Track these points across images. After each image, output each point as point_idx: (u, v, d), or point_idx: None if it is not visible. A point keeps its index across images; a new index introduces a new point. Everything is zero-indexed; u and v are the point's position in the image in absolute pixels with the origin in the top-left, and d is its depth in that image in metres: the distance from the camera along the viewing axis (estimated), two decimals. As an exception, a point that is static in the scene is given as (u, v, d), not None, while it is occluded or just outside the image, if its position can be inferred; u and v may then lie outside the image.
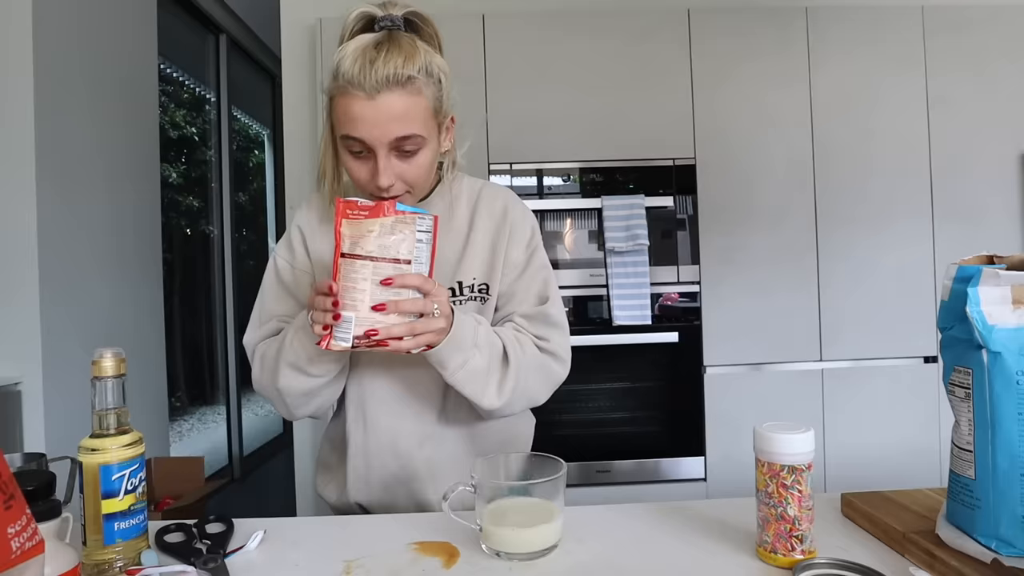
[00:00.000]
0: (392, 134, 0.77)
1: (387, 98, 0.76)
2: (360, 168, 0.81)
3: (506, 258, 0.91)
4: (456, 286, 0.90)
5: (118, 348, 0.69)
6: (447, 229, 0.91)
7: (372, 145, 0.78)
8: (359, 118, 0.76)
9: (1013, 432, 0.57)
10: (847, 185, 2.17)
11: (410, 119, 0.78)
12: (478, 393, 0.83)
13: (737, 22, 2.17)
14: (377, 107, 0.76)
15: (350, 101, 0.76)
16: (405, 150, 0.80)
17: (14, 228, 1.72)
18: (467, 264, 0.91)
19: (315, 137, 2.23)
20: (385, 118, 0.76)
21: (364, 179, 0.81)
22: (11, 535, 0.45)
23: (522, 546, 0.66)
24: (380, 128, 0.77)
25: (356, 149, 0.79)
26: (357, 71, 0.75)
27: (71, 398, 1.80)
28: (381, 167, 0.79)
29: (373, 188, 0.81)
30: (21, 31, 1.72)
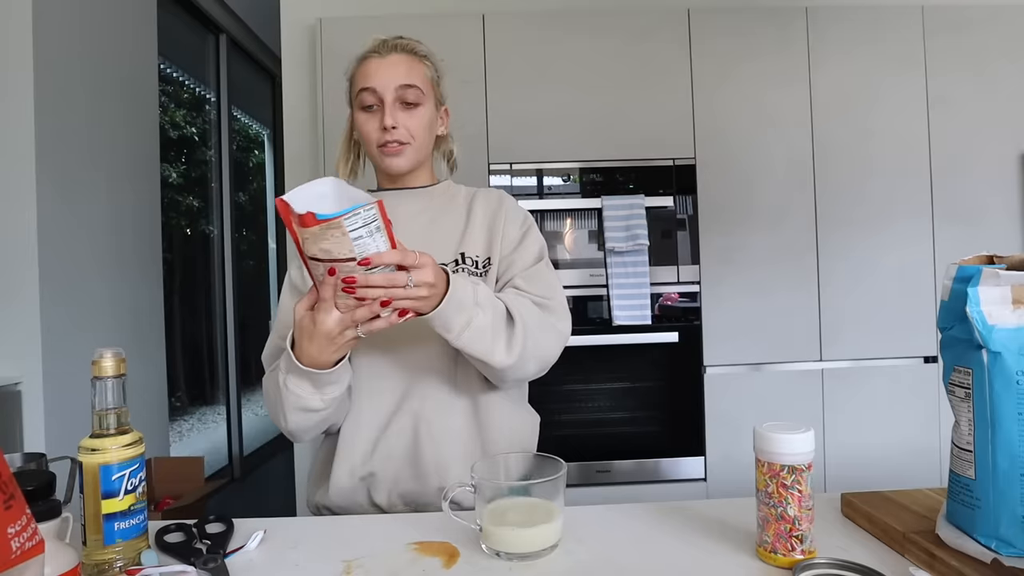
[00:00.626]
0: (397, 81, 0.93)
1: (395, 56, 0.95)
2: (370, 121, 0.95)
3: (503, 234, 0.99)
4: (459, 257, 0.97)
5: (118, 348, 0.69)
6: (448, 212, 1.01)
7: (380, 91, 0.93)
8: (372, 71, 0.94)
9: (1013, 432, 0.57)
10: (847, 185, 2.17)
11: (412, 74, 0.95)
12: (487, 352, 0.83)
13: (737, 22, 2.17)
14: (387, 62, 0.94)
15: (366, 63, 0.95)
16: (408, 101, 0.94)
17: (14, 228, 1.72)
18: (468, 241, 0.98)
19: (315, 137, 2.23)
20: (392, 70, 0.94)
21: (373, 130, 0.95)
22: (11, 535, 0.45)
23: (522, 546, 0.66)
24: (388, 76, 0.93)
25: (368, 103, 0.94)
26: (373, 46, 0.96)
27: (71, 398, 1.80)
28: (388, 108, 0.93)
29: (379, 135, 0.94)
30: (21, 31, 1.72)
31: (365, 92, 0.94)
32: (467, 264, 0.96)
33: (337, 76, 2.13)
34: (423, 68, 0.97)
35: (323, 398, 0.84)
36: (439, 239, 0.97)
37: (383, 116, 0.93)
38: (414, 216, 0.99)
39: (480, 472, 0.71)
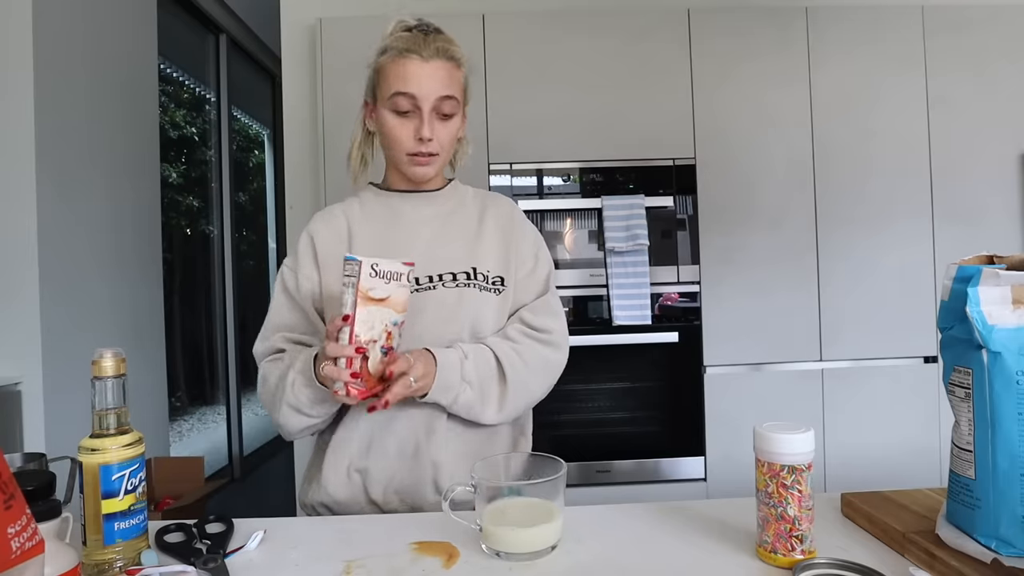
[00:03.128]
0: (438, 92, 0.91)
1: (438, 63, 0.91)
2: (403, 126, 0.92)
3: (518, 253, 1.00)
4: (471, 270, 0.96)
5: (118, 348, 0.69)
6: (458, 217, 1.01)
7: (420, 100, 0.90)
8: (413, 76, 0.90)
9: (1013, 432, 0.57)
10: (847, 185, 2.17)
11: (452, 84, 0.93)
12: (477, 416, 0.92)
13: (737, 22, 2.17)
14: (430, 68, 0.91)
15: (406, 62, 0.91)
16: (443, 112, 0.93)
17: (14, 228, 1.72)
18: (481, 253, 0.98)
19: (315, 137, 2.23)
20: (434, 78, 0.91)
21: (406, 135, 0.93)
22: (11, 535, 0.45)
23: (522, 546, 0.66)
24: (430, 85, 0.90)
25: (404, 108, 0.91)
26: (413, 44, 0.91)
27: (71, 398, 1.80)
28: (426, 120, 0.91)
29: (412, 144, 0.93)
30: (21, 31, 1.72)
31: (402, 97, 0.91)
32: (479, 280, 0.96)
33: (337, 76, 2.15)
34: (460, 75, 0.95)
35: (319, 410, 0.89)
36: (451, 247, 0.98)
37: (420, 126, 0.91)
38: (426, 221, 0.99)
39: (480, 472, 0.71)
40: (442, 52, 0.92)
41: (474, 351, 0.92)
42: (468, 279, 0.95)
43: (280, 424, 0.92)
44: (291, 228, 2.37)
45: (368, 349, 0.78)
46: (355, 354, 0.77)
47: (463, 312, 0.93)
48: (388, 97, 0.92)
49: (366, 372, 0.79)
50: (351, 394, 0.78)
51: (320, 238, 0.98)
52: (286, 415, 0.89)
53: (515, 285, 0.99)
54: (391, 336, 0.81)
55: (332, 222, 1.00)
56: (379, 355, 0.80)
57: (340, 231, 0.99)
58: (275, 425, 0.94)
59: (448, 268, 0.95)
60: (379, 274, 0.78)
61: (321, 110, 2.14)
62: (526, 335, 0.96)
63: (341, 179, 2.15)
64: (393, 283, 0.79)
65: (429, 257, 0.95)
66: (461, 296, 0.94)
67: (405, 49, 0.91)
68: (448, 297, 0.94)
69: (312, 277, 0.97)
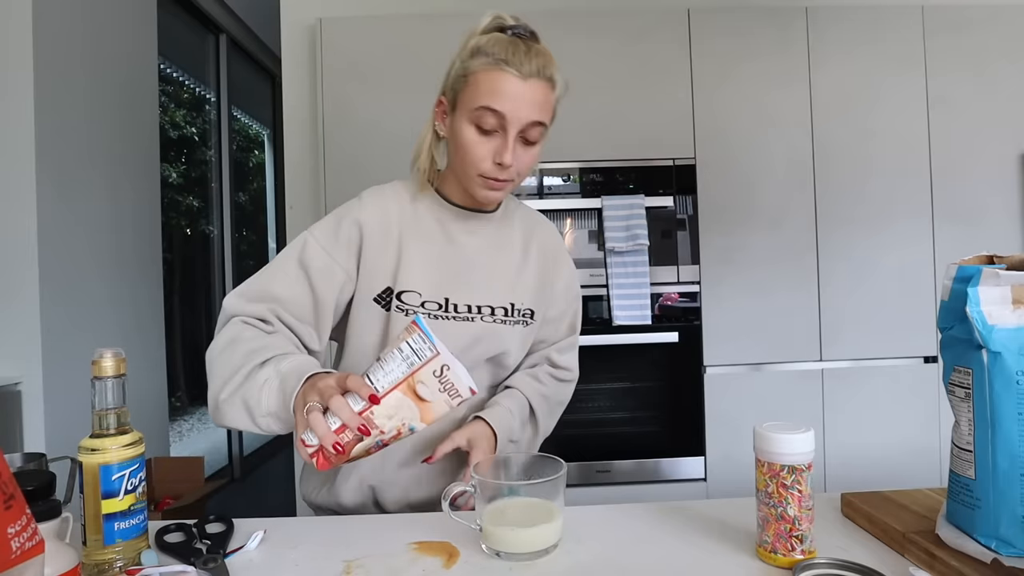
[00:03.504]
0: (530, 117, 0.83)
1: (535, 84, 0.83)
2: (483, 145, 0.84)
3: (552, 292, 0.99)
4: (509, 306, 0.94)
5: (118, 348, 0.69)
6: (505, 242, 0.97)
7: (509, 121, 0.82)
8: (507, 93, 0.82)
9: (1013, 432, 0.57)
10: (847, 185, 2.17)
11: (544, 109, 0.85)
12: None
13: (737, 22, 2.17)
14: (526, 88, 0.82)
15: (502, 77, 0.82)
16: (529, 138, 0.85)
17: (14, 228, 1.72)
18: (520, 287, 0.96)
19: (315, 137, 2.23)
20: (529, 101, 0.83)
21: (484, 155, 0.84)
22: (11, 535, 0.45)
23: (522, 546, 0.66)
24: (523, 108, 0.82)
25: (488, 125, 0.83)
26: (512, 55, 0.82)
27: (71, 398, 1.80)
28: (510, 145, 0.83)
29: (489, 167, 0.84)
30: (21, 31, 1.72)
31: (489, 113, 0.82)
32: (513, 316, 0.94)
33: (337, 76, 2.15)
34: (552, 101, 0.86)
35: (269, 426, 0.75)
36: (496, 277, 0.94)
37: (502, 149, 0.83)
38: (478, 250, 0.94)
39: (480, 472, 0.71)
40: (541, 71, 0.84)
41: (517, 406, 0.94)
42: (505, 315, 0.93)
43: (217, 407, 0.76)
44: (291, 228, 2.37)
45: (371, 434, 0.64)
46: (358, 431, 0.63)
47: (492, 345, 0.93)
48: (473, 108, 0.83)
49: (348, 449, 0.64)
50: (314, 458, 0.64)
51: (369, 234, 0.88)
52: (231, 406, 0.75)
53: (543, 320, 0.99)
54: (397, 437, 0.67)
55: (385, 221, 0.90)
56: (372, 444, 0.66)
57: (391, 237, 0.90)
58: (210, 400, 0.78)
59: (488, 301, 0.92)
60: (442, 378, 0.66)
61: (321, 110, 2.14)
62: (552, 376, 1.00)
63: (341, 179, 2.16)
64: (444, 395, 0.66)
65: (472, 287, 0.92)
66: (494, 331, 0.93)
67: (503, 60, 0.82)
68: (482, 331, 0.92)
69: (349, 271, 0.88)
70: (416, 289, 0.88)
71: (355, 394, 0.65)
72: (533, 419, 0.97)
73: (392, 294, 0.88)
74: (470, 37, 0.88)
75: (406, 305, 0.88)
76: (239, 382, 0.75)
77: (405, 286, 0.88)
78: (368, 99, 2.13)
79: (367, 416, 0.64)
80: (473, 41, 0.86)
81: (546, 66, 0.84)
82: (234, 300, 0.85)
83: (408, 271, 0.88)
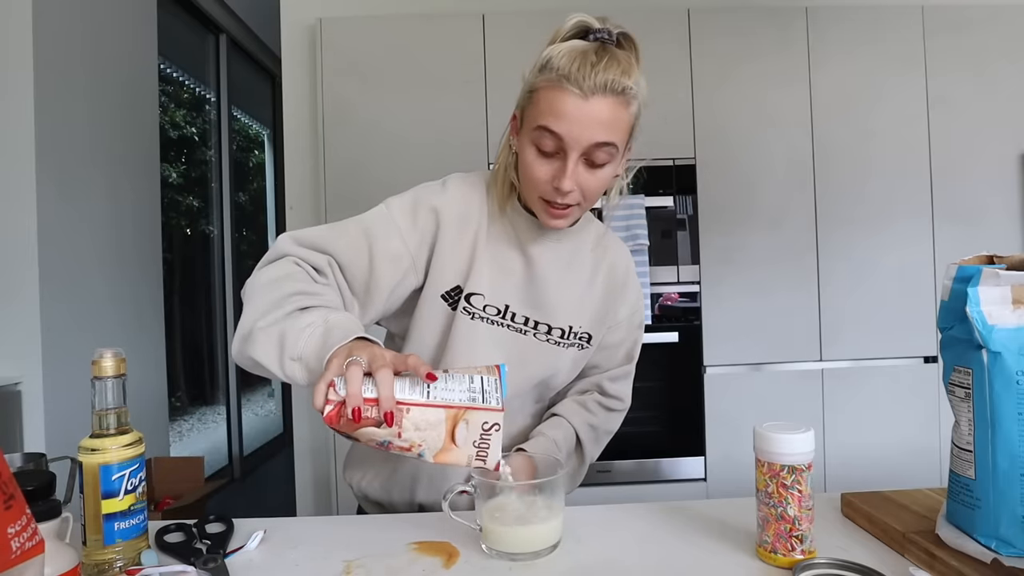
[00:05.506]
0: (592, 139, 0.75)
1: (599, 102, 0.74)
2: (542, 167, 0.78)
3: (615, 318, 0.95)
4: (566, 328, 0.90)
5: (118, 348, 0.69)
6: (574, 267, 0.91)
7: (568, 145, 0.75)
8: (566, 115, 0.74)
9: (1013, 432, 0.57)
10: (847, 185, 2.17)
11: (613, 128, 0.76)
12: None
13: (737, 22, 2.17)
14: (587, 108, 0.74)
15: (561, 95, 0.74)
16: (594, 161, 0.77)
17: (14, 228, 1.72)
18: (582, 312, 0.91)
19: (315, 137, 2.23)
20: (591, 121, 0.74)
21: (543, 178, 0.78)
22: (11, 535, 0.45)
23: (522, 546, 0.66)
24: (584, 129, 0.74)
25: (548, 147, 0.77)
26: (575, 69, 0.74)
27: (71, 398, 1.80)
28: (569, 170, 0.76)
29: (549, 190, 0.78)
30: (21, 31, 1.72)
31: (547, 134, 0.75)
32: (569, 339, 0.90)
33: (337, 76, 2.15)
34: (627, 114, 0.77)
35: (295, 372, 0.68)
36: (561, 298, 0.89)
37: (560, 174, 0.76)
38: (550, 265, 0.89)
39: (480, 472, 0.71)
40: (610, 86, 0.74)
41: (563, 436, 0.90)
42: (561, 336, 0.89)
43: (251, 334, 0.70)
44: (291, 228, 2.37)
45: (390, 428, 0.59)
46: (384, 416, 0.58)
47: (542, 366, 0.89)
48: (533, 128, 0.77)
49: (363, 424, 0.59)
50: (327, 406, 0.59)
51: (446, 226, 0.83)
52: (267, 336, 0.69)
53: (599, 345, 0.94)
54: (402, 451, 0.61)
55: (466, 215, 0.85)
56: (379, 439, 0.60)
57: (467, 233, 0.85)
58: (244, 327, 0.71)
59: (547, 319, 0.88)
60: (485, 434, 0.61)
61: (321, 110, 2.14)
62: (602, 405, 0.96)
63: (341, 179, 2.16)
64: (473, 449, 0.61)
65: (535, 303, 0.88)
66: (547, 352, 0.89)
67: (564, 76, 0.74)
68: (535, 349, 0.88)
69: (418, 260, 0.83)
70: (482, 292, 0.85)
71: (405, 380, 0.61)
72: (580, 449, 0.93)
73: (461, 294, 0.84)
74: (550, 43, 0.80)
75: (473, 308, 0.84)
76: (280, 316, 0.70)
77: (474, 288, 0.84)
78: (368, 99, 2.13)
79: (400, 410, 0.59)
80: (547, 51, 0.78)
81: (617, 80, 0.74)
82: (288, 242, 0.79)
83: (479, 273, 0.84)
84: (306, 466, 2.31)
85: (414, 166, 2.10)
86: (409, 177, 2.36)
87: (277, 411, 3.75)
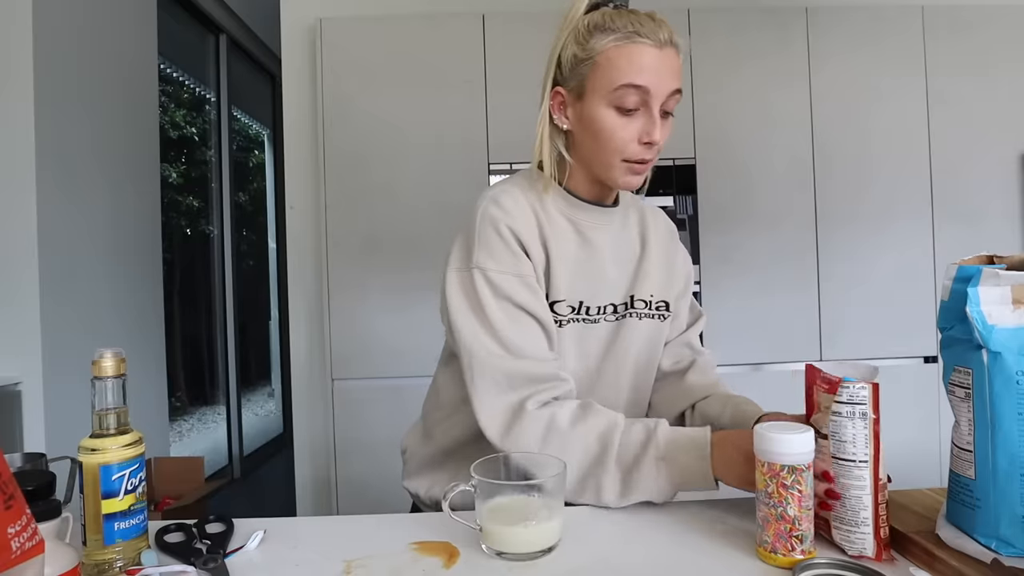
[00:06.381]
0: (672, 86, 0.78)
1: (670, 52, 0.78)
2: (627, 126, 0.79)
3: (677, 278, 0.97)
4: (628, 300, 0.90)
5: (118, 348, 0.69)
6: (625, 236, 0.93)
7: (653, 95, 0.77)
8: (647, 66, 0.77)
9: (1013, 432, 0.57)
10: (847, 185, 2.17)
11: (679, 76, 0.80)
12: None
13: (737, 22, 2.17)
14: (664, 58, 0.77)
15: (639, 50, 0.77)
16: (668, 109, 0.80)
17: (14, 228, 1.72)
18: (642, 282, 0.91)
19: (315, 137, 2.23)
20: (668, 70, 0.78)
21: (630, 137, 0.79)
22: (11, 535, 0.45)
23: (522, 546, 0.66)
24: (663, 78, 0.77)
25: (630, 104, 0.78)
26: (641, 24, 0.77)
27: (71, 398, 1.80)
28: (657, 119, 0.78)
29: (635, 148, 0.80)
30: (21, 31, 1.72)
31: (631, 91, 0.77)
32: (637, 307, 0.90)
33: (337, 76, 2.15)
34: (680, 65, 0.81)
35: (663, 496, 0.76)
36: (619, 273, 0.90)
37: (650, 127, 0.78)
38: (608, 244, 0.89)
39: (480, 472, 0.71)
40: (672, 38, 0.78)
41: None
42: (626, 309, 0.89)
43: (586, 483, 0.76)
44: (291, 228, 2.37)
45: None
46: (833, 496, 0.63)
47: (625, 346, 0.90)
48: (612, 89, 0.77)
49: None
50: None
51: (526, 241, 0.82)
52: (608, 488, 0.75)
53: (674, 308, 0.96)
54: None
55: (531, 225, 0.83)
56: None
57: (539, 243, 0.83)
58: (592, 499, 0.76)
59: (610, 299, 0.88)
60: None
61: (321, 110, 2.14)
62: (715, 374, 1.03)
63: (341, 179, 2.16)
64: None
65: (604, 287, 0.87)
66: (620, 328, 0.89)
67: (634, 32, 0.77)
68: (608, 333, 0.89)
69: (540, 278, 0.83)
70: (563, 297, 0.84)
71: None
72: None
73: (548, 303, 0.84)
74: (572, 19, 0.82)
75: (559, 316, 0.84)
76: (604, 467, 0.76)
77: (556, 295, 0.84)
78: (368, 99, 2.13)
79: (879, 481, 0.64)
80: (585, 21, 0.80)
81: (673, 33, 0.79)
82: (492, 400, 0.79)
83: (557, 278, 0.83)
84: (306, 466, 2.31)
85: (414, 166, 2.10)
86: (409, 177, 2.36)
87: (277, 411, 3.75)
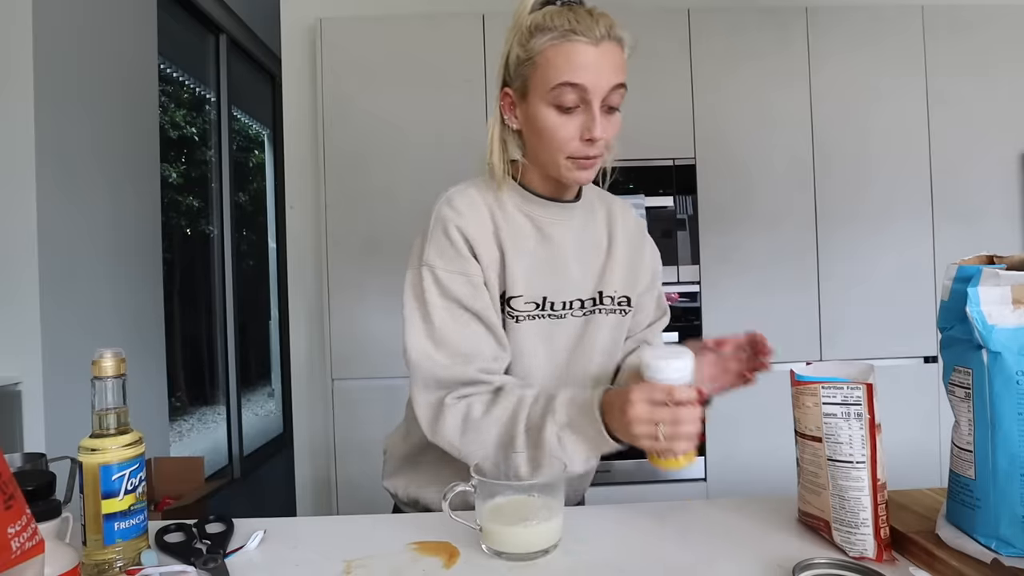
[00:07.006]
0: (611, 82, 0.78)
1: (609, 46, 0.78)
2: (567, 125, 0.79)
3: (641, 270, 0.96)
4: (597, 296, 0.90)
5: (118, 348, 0.69)
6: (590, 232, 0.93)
7: (592, 92, 0.77)
8: (584, 64, 0.77)
9: (1013, 432, 0.57)
10: (847, 185, 2.17)
11: (622, 70, 0.80)
12: None
13: (737, 22, 2.17)
14: (602, 53, 0.77)
15: (574, 48, 0.77)
16: (611, 104, 0.80)
17: (14, 228, 1.72)
18: (608, 276, 0.92)
19: (315, 137, 2.23)
20: (606, 65, 0.78)
21: (570, 136, 0.80)
22: (11, 535, 0.45)
23: (522, 546, 0.66)
24: (603, 74, 0.77)
25: (569, 103, 0.78)
26: (577, 21, 0.77)
27: (71, 398, 1.80)
28: (597, 117, 0.78)
29: (577, 146, 0.80)
30: (21, 31, 1.72)
31: (568, 89, 0.77)
32: (605, 304, 0.91)
33: (337, 76, 2.15)
34: (624, 58, 0.81)
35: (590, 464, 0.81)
36: (585, 268, 0.90)
37: (590, 123, 0.78)
38: (570, 240, 0.89)
39: (480, 472, 0.71)
40: (611, 32, 0.78)
41: None
42: (594, 304, 0.90)
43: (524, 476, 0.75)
44: (291, 228, 2.37)
45: None
46: None
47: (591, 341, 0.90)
48: (549, 89, 0.78)
49: None
50: None
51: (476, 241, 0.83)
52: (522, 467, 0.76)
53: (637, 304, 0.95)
54: None
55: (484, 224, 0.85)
56: None
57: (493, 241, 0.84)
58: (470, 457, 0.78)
59: (577, 295, 0.89)
60: None
61: (321, 110, 2.14)
62: None
63: (341, 179, 2.15)
64: None
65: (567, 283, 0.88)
66: (587, 324, 0.90)
67: (570, 30, 0.77)
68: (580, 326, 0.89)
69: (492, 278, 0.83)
70: (521, 293, 0.85)
71: None
72: None
73: (504, 299, 0.85)
74: (518, 20, 0.82)
75: (516, 311, 0.85)
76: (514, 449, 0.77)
77: (513, 291, 0.84)
78: (368, 99, 2.13)
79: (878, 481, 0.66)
80: (527, 21, 0.80)
81: (613, 26, 0.79)
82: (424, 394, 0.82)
83: (513, 275, 0.84)
84: (306, 466, 2.31)
85: (414, 166, 2.10)
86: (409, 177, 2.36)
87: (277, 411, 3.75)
